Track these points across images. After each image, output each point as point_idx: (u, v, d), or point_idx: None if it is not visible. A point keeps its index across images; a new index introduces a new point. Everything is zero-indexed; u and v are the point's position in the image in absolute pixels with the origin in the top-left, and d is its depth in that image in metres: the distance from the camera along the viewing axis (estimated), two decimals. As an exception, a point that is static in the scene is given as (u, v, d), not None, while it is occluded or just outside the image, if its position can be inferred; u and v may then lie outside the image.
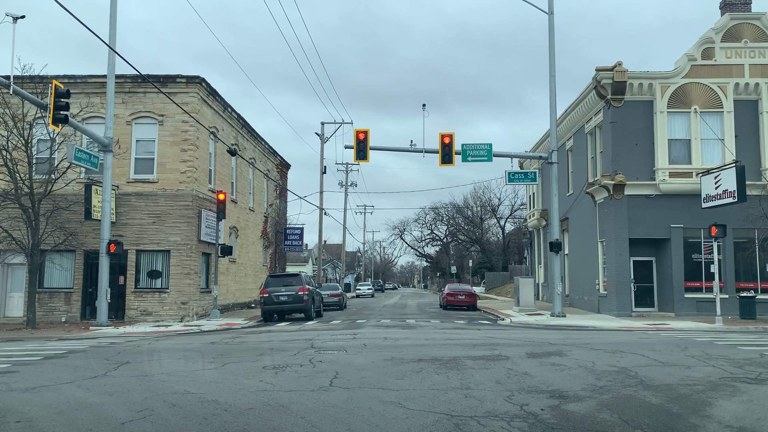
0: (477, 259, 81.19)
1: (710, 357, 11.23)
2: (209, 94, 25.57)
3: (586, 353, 11.83)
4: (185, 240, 23.69)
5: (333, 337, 15.95)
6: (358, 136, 23.62)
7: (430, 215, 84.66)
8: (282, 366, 10.46)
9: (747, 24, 24.42)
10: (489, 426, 6.31)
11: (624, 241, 23.93)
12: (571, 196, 30.22)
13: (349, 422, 6.54)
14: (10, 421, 6.80)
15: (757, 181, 22.92)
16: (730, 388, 8.21)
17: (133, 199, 23.78)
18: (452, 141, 23.60)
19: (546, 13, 24.14)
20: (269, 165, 37.84)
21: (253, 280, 33.74)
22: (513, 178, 25.91)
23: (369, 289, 63.12)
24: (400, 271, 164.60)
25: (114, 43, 20.90)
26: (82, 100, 23.02)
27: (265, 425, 6.47)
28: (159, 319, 23.07)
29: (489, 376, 9.28)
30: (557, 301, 23.37)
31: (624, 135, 24.17)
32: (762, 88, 24.02)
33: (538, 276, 38.46)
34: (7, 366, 11.17)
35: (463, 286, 37.50)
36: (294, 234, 40.56)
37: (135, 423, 6.62)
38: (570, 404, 7.29)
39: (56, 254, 23.22)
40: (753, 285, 23.36)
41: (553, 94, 24.24)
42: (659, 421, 6.56)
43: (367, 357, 11.55)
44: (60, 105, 17.65)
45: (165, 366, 11.08)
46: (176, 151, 24.00)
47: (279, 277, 26.39)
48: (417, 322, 22.85)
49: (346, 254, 71.37)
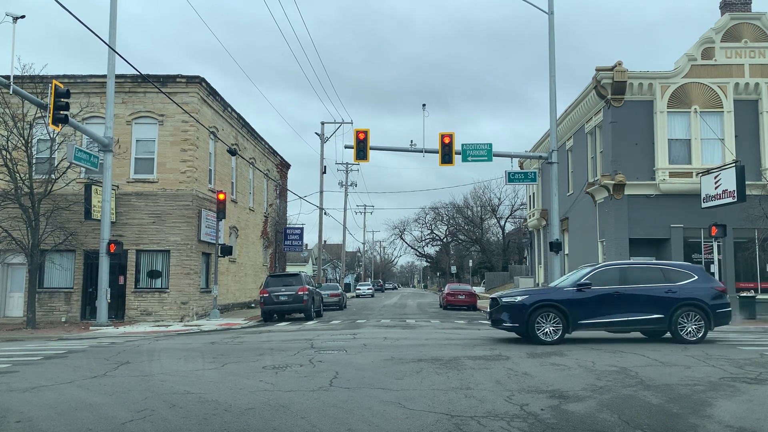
0: (477, 259, 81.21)
1: (710, 357, 11.24)
2: (209, 94, 25.57)
3: (586, 353, 11.83)
4: (185, 240, 23.70)
5: (333, 337, 15.95)
6: (358, 136, 23.62)
7: (430, 215, 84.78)
8: (282, 366, 10.46)
9: (747, 24, 24.42)
10: (489, 426, 6.31)
11: (624, 241, 23.93)
12: (571, 196, 30.22)
13: (349, 422, 6.53)
14: (10, 421, 6.80)
15: (757, 181, 22.92)
16: (730, 388, 8.21)
17: (133, 199, 23.79)
18: (452, 141, 23.60)
19: (546, 13, 24.12)
20: (269, 165, 37.85)
21: (253, 280, 33.74)
22: (513, 178, 25.90)
23: (369, 289, 63.16)
24: (400, 271, 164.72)
25: (114, 43, 20.89)
26: (82, 100, 23.03)
27: (265, 425, 6.47)
28: (159, 319, 23.07)
29: (489, 376, 9.28)
30: (557, 301, 23.32)
31: (624, 135, 24.17)
32: (762, 88, 24.02)
33: (538, 276, 38.44)
34: (7, 366, 11.17)
35: (463, 286, 37.51)
36: (294, 234, 40.57)
37: (135, 423, 6.62)
38: (570, 404, 7.28)
39: (56, 254, 23.22)
40: (753, 285, 23.36)
41: (553, 95, 24.22)
42: (659, 421, 6.56)
43: (367, 357, 11.55)
44: (60, 105, 17.65)
45: (165, 366, 11.08)
46: (176, 151, 24.01)
47: (279, 277, 26.39)
48: (417, 322, 22.84)
49: (346, 254, 71.42)
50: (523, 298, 13.73)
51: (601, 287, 13.64)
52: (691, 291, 13.62)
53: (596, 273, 14.06)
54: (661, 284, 13.72)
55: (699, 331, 13.42)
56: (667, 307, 13.48)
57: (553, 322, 13.38)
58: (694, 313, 13.48)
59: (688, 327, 13.44)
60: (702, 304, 13.51)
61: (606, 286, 13.66)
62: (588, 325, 13.64)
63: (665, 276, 13.90)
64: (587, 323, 13.55)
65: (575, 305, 13.46)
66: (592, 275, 13.97)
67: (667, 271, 14.06)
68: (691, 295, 13.56)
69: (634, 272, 14.07)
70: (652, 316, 13.49)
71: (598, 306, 13.49)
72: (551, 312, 13.41)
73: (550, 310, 13.43)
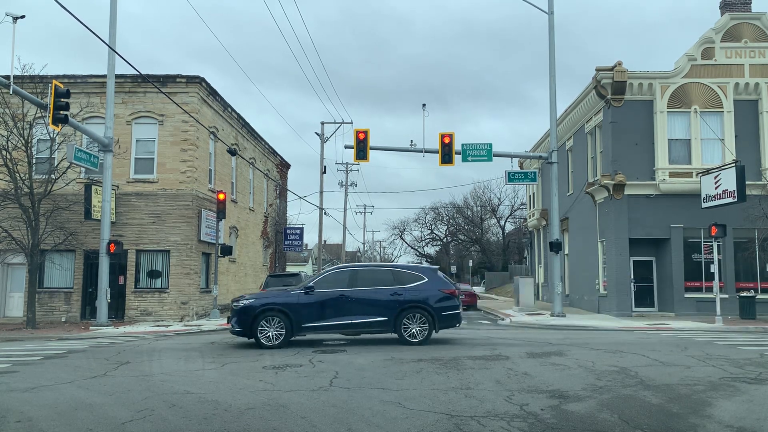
0: (477, 259, 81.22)
1: (710, 357, 11.24)
2: (209, 94, 25.57)
3: (586, 353, 11.83)
4: (185, 240, 23.69)
5: (333, 337, 15.94)
6: (358, 136, 23.64)
7: (430, 215, 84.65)
8: (282, 366, 10.46)
9: (747, 24, 24.43)
10: (489, 426, 6.31)
11: (624, 240, 23.94)
12: (571, 196, 30.22)
13: (349, 422, 6.54)
14: (10, 421, 6.80)
15: (757, 181, 22.93)
16: (730, 388, 8.21)
17: (133, 199, 23.78)
18: (452, 141, 23.61)
19: (546, 13, 24.13)
20: (269, 165, 37.85)
21: (253, 280, 33.73)
22: (513, 178, 25.91)
23: None
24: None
25: (114, 43, 20.89)
26: (82, 100, 23.03)
27: (265, 425, 6.47)
28: (159, 319, 23.07)
29: (489, 375, 9.28)
30: (557, 301, 23.37)
31: (624, 135, 24.18)
32: (762, 88, 24.03)
33: (538, 276, 38.46)
34: (7, 366, 11.17)
35: (463, 286, 37.48)
36: (294, 234, 40.57)
37: (135, 423, 6.62)
38: (570, 404, 7.29)
39: (56, 254, 23.21)
40: (753, 285, 23.37)
41: (553, 95, 24.24)
42: (659, 421, 6.56)
43: (366, 357, 11.55)
44: (60, 105, 17.64)
45: (165, 366, 11.08)
46: (176, 151, 24.01)
47: (279, 276, 26.37)
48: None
49: (346, 254, 71.42)
50: (250, 302, 13.68)
51: (326, 290, 13.67)
52: (417, 293, 13.68)
53: (326, 276, 14.18)
54: (389, 287, 13.76)
55: (422, 333, 13.51)
56: (392, 309, 13.53)
57: (278, 326, 13.35)
58: (419, 314, 13.54)
59: (412, 328, 13.51)
60: (427, 306, 13.57)
61: (331, 290, 13.69)
62: (313, 328, 13.62)
63: (396, 278, 13.95)
64: (312, 326, 13.54)
65: (300, 309, 13.45)
66: (320, 279, 14.09)
67: (399, 274, 14.11)
68: (417, 298, 13.61)
69: (365, 275, 14.14)
70: (377, 319, 13.54)
71: (323, 309, 13.54)
72: (276, 316, 13.37)
73: (275, 314, 13.39)
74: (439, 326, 13.80)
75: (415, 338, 13.47)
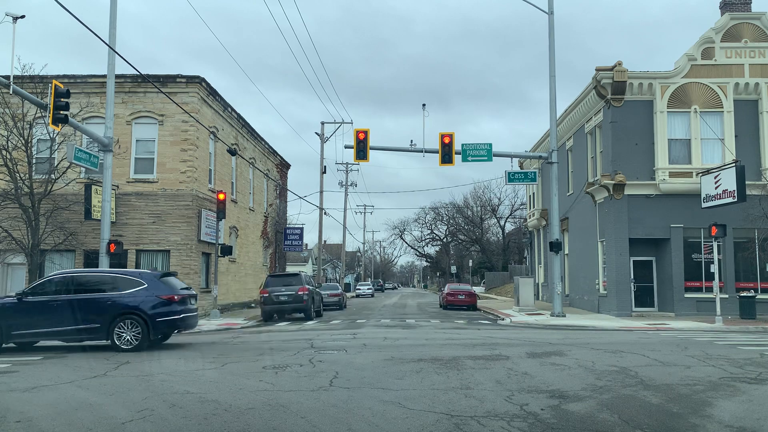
0: (477, 259, 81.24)
1: (710, 357, 11.23)
2: (209, 94, 25.58)
3: (586, 353, 11.83)
4: (185, 240, 23.70)
5: (333, 337, 15.95)
6: (358, 136, 23.64)
7: (430, 215, 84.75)
8: (282, 366, 10.46)
9: (747, 24, 24.43)
10: (489, 426, 6.31)
11: (624, 240, 23.94)
12: (571, 196, 30.22)
13: (349, 422, 6.53)
14: (10, 420, 6.80)
15: (757, 181, 22.92)
16: (730, 388, 8.21)
17: (133, 199, 23.79)
18: (452, 141, 23.63)
19: (546, 13, 24.13)
20: (269, 165, 37.85)
21: (253, 280, 33.74)
22: (513, 178, 25.91)
23: (369, 288, 63.15)
24: (400, 271, 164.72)
25: (114, 43, 20.88)
26: (82, 100, 23.04)
27: (265, 425, 6.47)
28: (159, 318, 23.06)
29: (489, 375, 9.28)
30: (557, 300, 23.38)
31: (624, 135, 24.17)
32: (762, 87, 24.03)
33: (538, 276, 38.46)
34: (7, 366, 11.17)
35: (463, 286, 37.51)
36: (294, 234, 40.58)
37: (135, 423, 6.62)
38: (570, 404, 7.28)
39: (56, 254, 23.22)
40: (753, 285, 23.36)
41: (553, 95, 24.24)
42: (659, 420, 6.56)
43: (367, 357, 11.55)
44: (60, 105, 17.63)
45: (165, 366, 11.08)
46: (176, 151, 24.02)
47: (279, 276, 26.40)
48: (417, 321, 22.84)
49: (346, 254, 71.43)
50: None
51: (39, 297, 13.46)
52: (132, 300, 13.49)
53: (43, 282, 14.02)
54: (106, 293, 13.63)
55: (136, 339, 13.31)
56: (105, 316, 13.33)
57: None
58: (133, 321, 13.36)
59: (126, 335, 13.34)
60: (140, 313, 13.36)
61: (45, 297, 13.49)
62: (24, 335, 13.40)
63: (115, 285, 13.80)
64: (23, 333, 13.32)
65: (10, 316, 13.19)
66: (37, 285, 13.94)
67: (119, 280, 13.93)
68: (131, 304, 13.44)
69: (84, 281, 14.01)
70: (91, 326, 13.35)
71: (36, 316, 13.29)
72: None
73: None
74: (154, 333, 13.57)
75: (128, 345, 13.23)
